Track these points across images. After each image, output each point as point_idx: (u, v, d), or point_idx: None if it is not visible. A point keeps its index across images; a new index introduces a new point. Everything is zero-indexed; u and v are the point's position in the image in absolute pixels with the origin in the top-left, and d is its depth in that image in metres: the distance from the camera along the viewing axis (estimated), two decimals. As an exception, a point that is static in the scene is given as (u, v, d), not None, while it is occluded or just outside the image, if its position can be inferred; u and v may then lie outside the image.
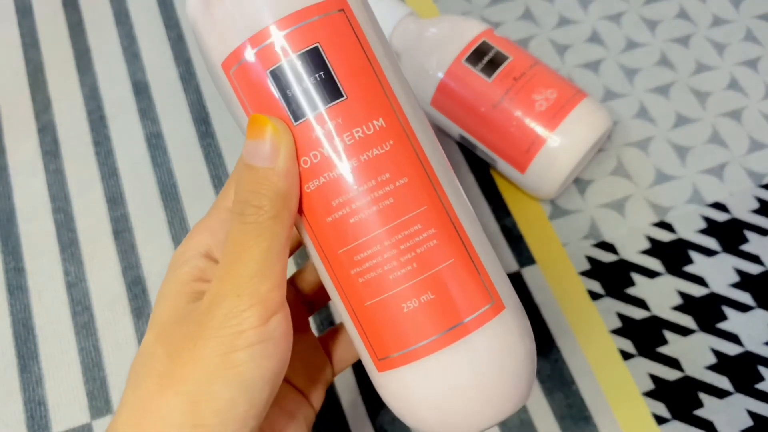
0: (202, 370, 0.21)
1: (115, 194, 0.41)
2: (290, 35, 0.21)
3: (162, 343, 0.22)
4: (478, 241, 0.23)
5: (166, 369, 0.22)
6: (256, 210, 0.21)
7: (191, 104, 0.44)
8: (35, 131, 0.43)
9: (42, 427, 0.35)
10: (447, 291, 0.21)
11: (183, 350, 0.22)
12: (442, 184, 0.22)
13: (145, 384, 0.22)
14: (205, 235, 0.25)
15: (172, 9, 0.48)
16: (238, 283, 0.21)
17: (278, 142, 0.21)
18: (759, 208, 0.41)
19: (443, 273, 0.22)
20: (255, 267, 0.21)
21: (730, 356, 0.37)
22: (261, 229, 0.21)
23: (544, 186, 0.39)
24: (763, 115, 0.44)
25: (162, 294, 0.24)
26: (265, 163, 0.21)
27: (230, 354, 0.21)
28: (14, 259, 0.39)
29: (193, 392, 0.21)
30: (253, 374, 0.21)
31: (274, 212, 0.21)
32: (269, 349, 0.21)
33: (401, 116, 0.22)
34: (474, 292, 0.22)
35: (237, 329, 0.21)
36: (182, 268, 0.24)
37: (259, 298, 0.21)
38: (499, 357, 0.22)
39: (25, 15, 0.47)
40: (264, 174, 0.21)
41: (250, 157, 0.22)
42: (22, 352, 0.37)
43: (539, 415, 0.36)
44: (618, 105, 0.45)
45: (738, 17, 0.48)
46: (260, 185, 0.21)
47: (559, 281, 0.39)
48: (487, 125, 0.38)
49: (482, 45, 0.39)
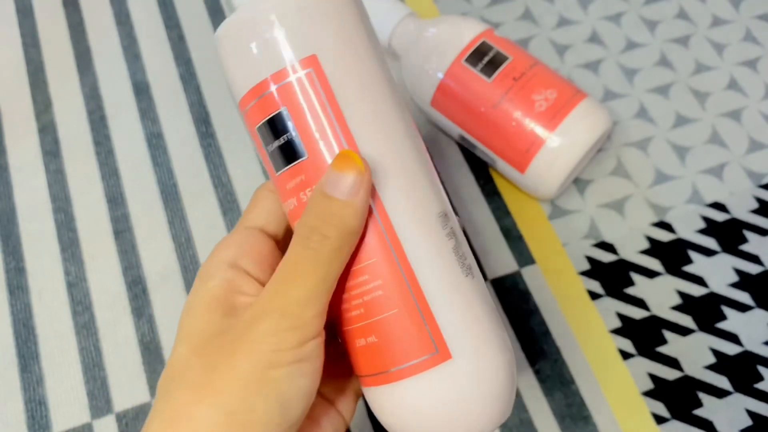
0: (239, 383, 0.21)
1: (115, 194, 0.41)
2: (255, 105, 0.24)
3: (198, 355, 0.23)
4: (440, 292, 0.24)
5: (201, 380, 0.22)
6: (321, 239, 0.22)
7: (191, 104, 0.44)
8: (36, 131, 0.43)
9: (42, 426, 0.35)
10: (387, 337, 0.23)
11: (220, 363, 0.22)
12: (401, 237, 0.23)
13: (179, 394, 0.22)
14: (231, 248, 0.25)
15: (172, 9, 0.48)
16: (285, 304, 0.22)
17: (362, 180, 0.22)
18: (758, 208, 0.41)
19: (386, 321, 0.23)
20: (305, 293, 0.22)
21: (729, 356, 0.37)
22: (321, 258, 0.22)
23: (544, 186, 0.39)
24: (762, 116, 0.44)
25: (192, 307, 0.24)
26: (344, 197, 0.22)
27: (268, 370, 0.21)
28: (15, 258, 0.39)
29: (228, 404, 0.21)
30: (289, 390, 0.22)
31: (337, 245, 0.22)
32: (305, 368, 0.22)
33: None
34: (413, 342, 0.23)
35: (276, 347, 0.22)
36: (212, 281, 0.24)
37: (302, 321, 0.22)
38: (430, 405, 0.24)
39: (25, 15, 0.48)
40: (339, 206, 0.22)
41: (330, 188, 0.22)
42: (23, 351, 0.37)
43: (539, 415, 0.36)
44: (618, 105, 0.45)
45: (738, 17, 0.48)
46: (332, 216, 0.22)
47: (558, 281, 0.39)
48: (486, 125, 0.38)
49: (482, 45, 0.39)
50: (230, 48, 0.24)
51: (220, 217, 0.41)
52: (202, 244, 0.40)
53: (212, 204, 0.41)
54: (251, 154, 0.43)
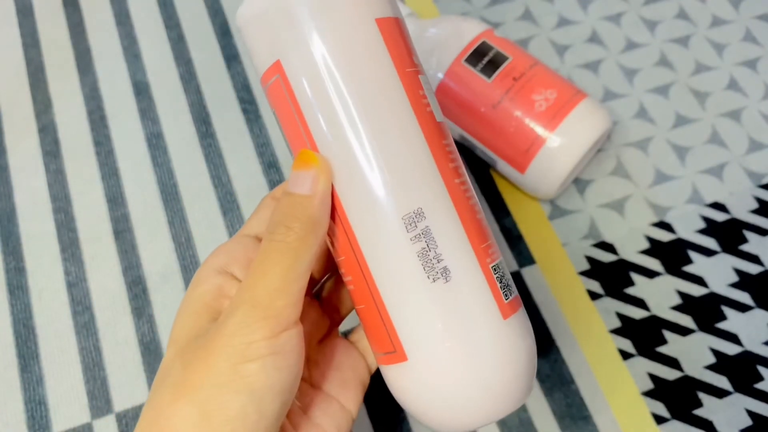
0: (213, 379, 0.22)
1: (115, 194, 0.41)
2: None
3: (180, 356, 0.23)
4: (396, 296, 0.24)
5: (179, 378, 0.22)
6: (285, 230, 0.23)
7: (191, 104, 0.44)
8: (36, 131, 0.43)
9: (42, 426, 0.35)
10: (366, 326, 0.25)
11: (196, 360, 0.22)
12: (360, 242, 0.24)
13: (160, 393, 0.22)
14: (222, 256, 0.26)
15: (172, 9, 0.48)
16: (254, 295, 0.22)
17: (319, 174, 0.23)
18: (758, 208, 0.41)
19: (362, 312, 0.25)
20: (274, 283, 0.22)
21: (729, 356, 0.37)
22: (287, 249, 0.23)
23: (544, 186, 0.39)
24: (762, 116, 0.45)
25: (181, 312, 0.25)
26: (305, 191, 0.23)
27: (241, 364, 0.22)
28: (15, 258, 0.39)
29: (204, 401, 0.21)
30: (263, 385, 0.22)
31: (302, 234, 0.23)
32: (279, 361, 0.22)
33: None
34: (378, 336, 0.25)
35: (248, 339, 0.22)
36: (201, 287, 0.25)
37: (274, 312, 0.22)
38: (403, 398, 0.25)
39: (25, 15, 0.48)
40: (300, 200, 0.23)
41: (292, 186, 0.24)
42: (23, 351, 0.37)
43: (539, 415, 0.36)
44: (618, 105, 0.45)
45: (737, 17, 0.48)
46: (294, 209, 0.23)
47: (558, 281, 0.39)
48: (486, 125, 0.39)
49: (482, 45, 0.39)
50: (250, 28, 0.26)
51: (220, 217, 0.41)
52: (202, 244, 0.40)
53: (212, 204, 0.41)
54: (251, 154, 0.43)
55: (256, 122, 0.44)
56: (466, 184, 0.25)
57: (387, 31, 0.24)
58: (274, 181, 0.42)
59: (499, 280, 0.24)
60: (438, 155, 0.24)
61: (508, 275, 0.25)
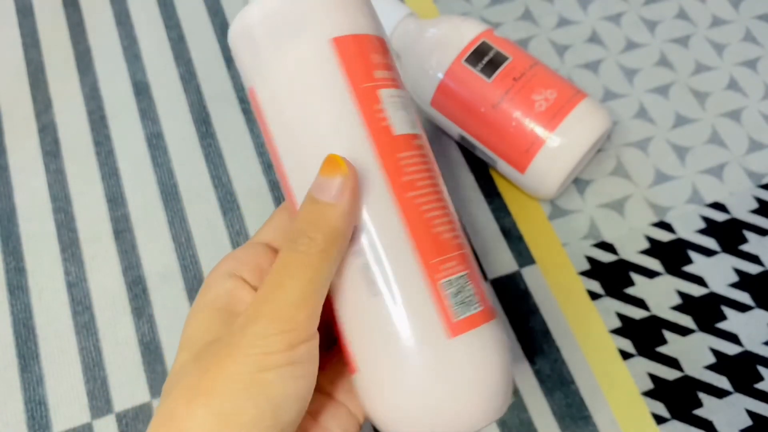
0: (230, 385, 0.22)
1: (115, 194, 0.41)
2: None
3: (195, 360, 0.23)
4: (341, 310, 0.25)
5: (195, 382, 0.22)
6: (309, 241, 0.23)
7: (191, 104, 0.44)
8: (36, 131, 0.43)
9: (42, 426, 0.35)
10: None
11: (213, 365, 0.22)
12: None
13: (174, 396, 0.22)
14: (232, 261, 0.26)
15: (172, 9, 0.48)
16: (275, 307, 0.22)
17: (347, 183, 0.23)
18: (758, 208, 0.41)
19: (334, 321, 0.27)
20: (295, 295, 0.22)
21: (729, 356, 0.37)
22: (309, 260, 0.22)
23: (544, 186, 0.39)
24: (762, 116, 0.45)
25: (192, 316, 0.25)
26: (330, 200, 0.23)
27: (259, 373, 0.22)
28: (15, 258, 0.39)
29: (220, 406, 0.21)
30: (280, 393, 0.22)
31: (324, 246, 0.22)
32: (296, 371, 0.22)
33: (285, 190, 0.26)
34: (340, 344, 0.26)
35: (266, 350, 0.22)
36: (212, 291, 0.25)
37: (293, 325, 0.22)
38: (363, 405, 0.26)
39: (25, 15, 0.48)
40: (325, 209, 0.23)
41: (318, 192, 0.23)
42: (23, 351, 0.37)
43: (539, 415, 0.36)
44: (618, 105, 0.45)
45: (737, 18, 0.48)
46: (318, 218, 0.23)
47: (558, 281, 0.39)
48: (486, 125, 0.39)
49: (482, 45, 0.39)
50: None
51: (220, 217, 0.41)
52: (202, 244, 0.40)
53: (212, 204, 0.41)
54: (251, 154, 0.43)
55: (256, 122, 0.44)
56: (427, 196, 0.24)
57: (344, 50, 0.25)
58: (273, 181, 0.42)
59: (452, 295, 0.24)
60: (390, 169, 0.24)
61: (468, 290, 0.24)
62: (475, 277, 0.25)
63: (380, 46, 0.26)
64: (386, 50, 0.27)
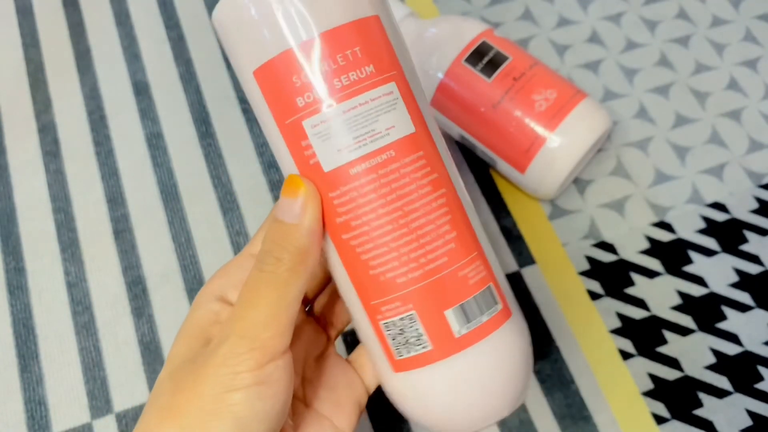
0: (199, 404, 0.22)
1: (115, 194, 0.41)
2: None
3: (171, 379, 0.24)
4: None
5: (168, 402, 0.23)
6: (275, 261, 0.23)
7: (191, 104, 0.44)
8: (35, 131, 0.43)
9: (42, 426, 0.35)
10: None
11: (185, 385, 0.23)
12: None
13: (148, 416, 0.23)
14: (222, 279, 0.26)
15: (172, 9, 0.48)
16: (243, 326, 0.23)
17: (307, 202, 0.23)
18: (758, 208, 0.41)
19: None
20: (263, 314, 0.23)
21: (729, 356, 0.37)
22: (276, 280, 0.23)
23: (544, 186, 0.39)
24: (762, 116, 0.45)
25: (179, 334, 0.25)
26: (293, 220, 0.23)
27: (226, 393, 0.22)
28: (14, 259, 0.39)
29: (189, 426, 0.22)
30: (248, 414, 0.22)
31: (291, 265, 0.23)
32: (265, 391, 0.22)
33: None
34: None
35: (234, 369, 0.22)
36: (199, 311, 0.26)
37: (260, 343, 0.22)
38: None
39: (25, 15, 0.48)
40: (289, 229, 0.23)
41: (281, 213, 0.24)
42: (23, 351, 0.37)
43: (539, 415, 0.36)
44: (618, 105, 0.45)
45: (737, 17, 0.48)
46: (284, 239, 0.23)
47: (558, 281, 0.39)
48: (487, 125, 0.39)
49: (482, 45, 0.39)
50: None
51: (220, 217, 0.41)
52: (202, 244, 0.40)
53: (212, 204, 0.41)
54: (251, 154, 0.43)
55: (256, 122, 0.44)
56: (370, 233, 0.23)
57: (265, 81, 0.23)
58: (273, 181, 0.42)
59: (392, 337, 0.24)
60: (325, 212, 0.24)
61: (409, 333, 0.24)
62: (428, 312, 0.23)
63: (313, 50, 0.23)
64: (330, 47, 0.23)
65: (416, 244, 0.23)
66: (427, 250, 0.23)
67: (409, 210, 0.23)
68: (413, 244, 0.23)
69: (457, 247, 0.24)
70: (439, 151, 0.24)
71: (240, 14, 0.23)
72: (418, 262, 0.23)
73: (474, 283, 0.24)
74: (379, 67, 0.23)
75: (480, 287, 0.24)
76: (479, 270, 0.24)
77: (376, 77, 0.23)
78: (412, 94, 0.24)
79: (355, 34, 0.23)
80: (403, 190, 0.23)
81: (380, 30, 0.24)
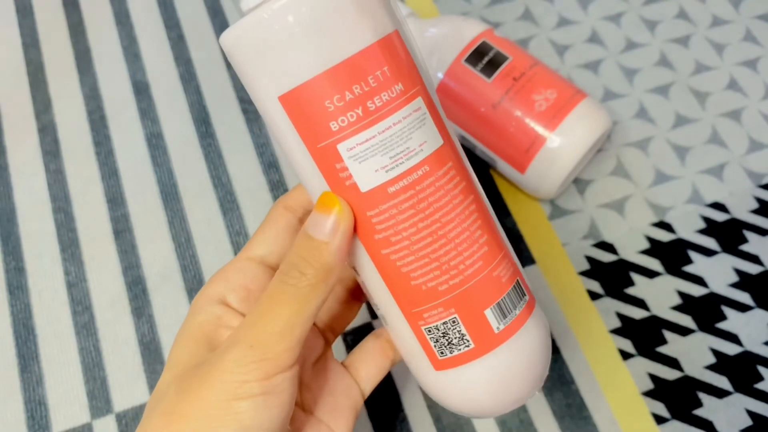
0: (205, 411, 0.22)
1: (115, 194, 0.41)
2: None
3: (176, 383, 0.24)
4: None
5: (172, 407, 0.23)
6: (299, 275, 0.23)
7: (191, 104, 0.44)
8: (35, 131, 0.43)
9: (42, 426, 0.35)
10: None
11: (190, 390, 0.23)
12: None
13: (153, 419, 0.23)
14: (221, 283, 0.26)
15: (172, 9, 0.48)
16: (255, 335, 0.23)
17: (339, 221, 0.23)
18: (758, 208, 0.41)
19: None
20: (278, 326, 0.23)
21: (729, 356, 0.37)
22: (297, 294, 0.23)
23: (544, 186, 0.39)
24: (762, 116, 0.45)
25: (180, 337, 0.25)
26: (323, 237, 0.23)
27: (233, 401, 0.22)
28: (14, 259, 0.39)
29: (194, 431, 0.22)
30: (253, 422, 0.22)
31: (314, 281, 0.23)
32: (270, 401, 0.23)
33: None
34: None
35: (242, 378, 0.22)
36: (200, 315, 0.26)
37: (271, 354, 0.22)
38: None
39: (25, 15, 0.48)
40: (318, 246, 0.23)
41: (312, 228, 0.24)
42: (23, 351, 0.37)
43: (539, 415, 0.36)
44: (618, 105, 0.45)
45: (737, 17, 0.48)
46: (311, 255, 0.23)
47: (558, 281, 0.39)
48: (486, 125, 0.39)
49: (482, 45, 0.39)
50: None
51: (220, 217, 0.41)
52: (202, 244, 0.40)
53: (212, 204, 0.41)
54: (251, 154, 0.43)
55: (256, 122, 0.44)
56: (410, 248, 0.23)
57: (293, 107, 0.23)
58: (273, 180, 0.42)
59: (434, 340, 0.25)
60: (360, 229, 0.24)
61: (452, 335, 0.25)
62: (469, 314, 0.24)
63: (345, 74, 0.22)
64: (360, 69, 0.22)
65: (455, 252, 0.24)
66: (465, 256, 0.24)
67: (446, 221, 0.23)
68: (452, 253, 0.24)
69: (489, 249, 0.25)
70: (462, 158, 0.25)
71: (264, 38, 0.22)
72: (458, 269, 0.24)
73: (506, 280, 0.25)
74: (407, 84, 0.23)
75: (511, 283, 0.25)
76: (508, 267, 0.25)
77: (405, 95, 0.23)
78: (434, 105, 0.24)
79: (381, 54, 0.23)
80: (439, 203, 0.23)
81: (402, 45, 0.24)
